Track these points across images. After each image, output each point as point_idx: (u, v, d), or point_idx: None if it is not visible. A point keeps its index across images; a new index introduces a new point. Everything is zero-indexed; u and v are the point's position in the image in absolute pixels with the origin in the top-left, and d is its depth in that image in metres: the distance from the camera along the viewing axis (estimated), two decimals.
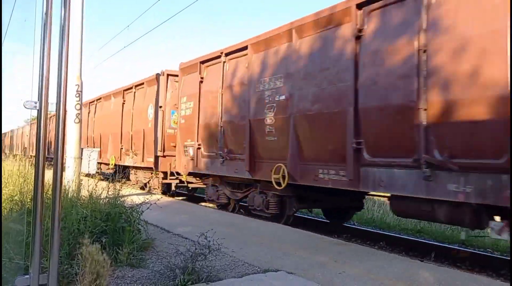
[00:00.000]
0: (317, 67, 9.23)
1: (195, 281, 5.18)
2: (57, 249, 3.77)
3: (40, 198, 3.74)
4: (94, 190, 7.18)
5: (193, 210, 12.26)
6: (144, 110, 18.17)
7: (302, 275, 5.69)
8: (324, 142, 9.05)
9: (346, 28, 8.60)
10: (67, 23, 3.80)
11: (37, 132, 3.79)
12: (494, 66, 6.14)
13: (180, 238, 7.80)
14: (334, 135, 8.73)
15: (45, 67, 3.72)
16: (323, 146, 9.11)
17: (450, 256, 8.99)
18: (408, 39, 7.32)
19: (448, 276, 5.89)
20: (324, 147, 9.07)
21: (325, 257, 6.76)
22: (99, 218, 6.28)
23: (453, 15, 6.73)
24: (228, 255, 6.59)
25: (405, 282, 5.51)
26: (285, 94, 9.99)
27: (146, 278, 5.47)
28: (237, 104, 11.78)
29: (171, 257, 5.91)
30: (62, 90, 3.77)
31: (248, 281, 5.37)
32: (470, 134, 6.46)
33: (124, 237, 6.28)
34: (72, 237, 5.60)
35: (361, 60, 8.18)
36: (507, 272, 7.88)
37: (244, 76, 11.51)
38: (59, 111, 3.77)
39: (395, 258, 7.01)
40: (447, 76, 6.71)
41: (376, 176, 7.90)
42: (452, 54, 6.67)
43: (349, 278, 5.61)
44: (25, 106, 3.75)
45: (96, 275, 4.39)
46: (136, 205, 7.17)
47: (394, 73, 7.53)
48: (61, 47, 3.77)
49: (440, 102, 6.78)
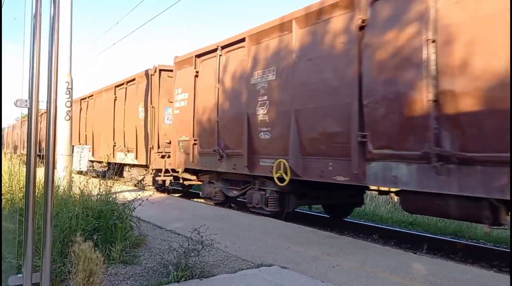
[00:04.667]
0: (319, 57, 8.98)
1: (189, 277, 5.17)
2: (49, 248, 3.76)
3: (32, 196, 3.72)
4: (86, 187, 7.15)
5: (185, 205, 12.24)
6: (135, 106, 18.02)
7: (295, 269, 5.69)
8: (329, 136, 8.78)
9: (349, 18, 8.31)
10: (57, 21, 3.77)
11: (28, 130, 3.77)
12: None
13: (173, 234, 7.79)
14: (339, 128, 8.50)
15: (35, 65, 3.70)
16: (327, 140, 8.83)
17: (443, 248, 9.03)
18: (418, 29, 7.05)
19: (441, 267, 5.92)
20: (329, 141, 8.79)
21: (318, 251, 6.77)
22: (91, 216, 6.26)
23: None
24: (221, 250, 6.58)
25: (399, 275, 5.53)
26: (287, 87, 9.74)
27: (139, 275, 5.46)
28: (234, 98, 11.56)
29: (164, 253, 5.90)
30: (52, 88, 3.75)
31: (241, 277, 5.37)
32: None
33: (117, 234, 6.26)
34: (64, 235, 5.58)
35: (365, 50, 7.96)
36: (500, 263, 7.94)
37: (242, 69, 11.25)
38: (50, 109, 3.75)
39: (388, 251, 7.03)
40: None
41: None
42: (458, 45, 6.49)
43: (343, 272, 5.62)
44: (16, 104, 3.73)
45: (89, 273, 4.39)
46: (128, 202, 7.15)
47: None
48: (51, 45, 3.75)
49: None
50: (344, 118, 8.28)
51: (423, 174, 7.01)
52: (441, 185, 6.76)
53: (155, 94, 16.81)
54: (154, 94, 16.82)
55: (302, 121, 9.31)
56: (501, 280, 5.49)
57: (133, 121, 18.15)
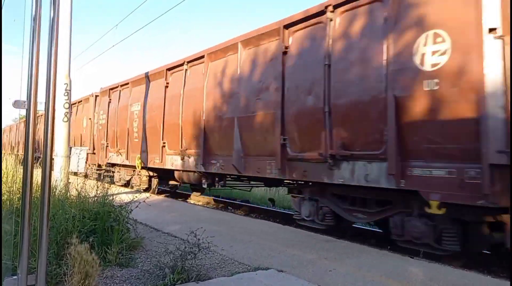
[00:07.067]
0: (257, 74, 10.59)
1: (185, 280, 5.16)
2: (45, 249, 3.75)
3: (28, 197, 3.71)
4: (83, 189, 7.14)
5: (182, 208, 12.25)
6: (127, 109, 18.54)
7: (292, 273, 5.68)
8: (263, 139, 10.21)
9: (278, 44, 9.97)
10: (56, 23, 3.77)
11: (26, 131, 3.76)
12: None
13: (170, 237, 7.78)
14: (269, 133, 9.98)
15: (34, 67, 3.69)
16: (260, 142, 10.32)
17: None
18: (319, 55, 8.73)
19: (438, 272, 5.92)
20: (261, 143, 10.29)
21: (315, 254, 6.77)
22: (88, 217, 6.25)
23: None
24: (218, 253, 6.57)
25: (395, 279, 5.52)
26: (232, 98, 11.28)
27: (135, 278, 5.45)
28: (193, 107, 12.92)
29: (160, 256, 5.90)
30: (51, 89, 3.75)
31: (238, 280, 5.36)
32: (360, 131, 7.84)
33: (113, 236, 6.24)
34: (61, 236, 5.56)
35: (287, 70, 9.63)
36: (497, 268, 7.92)
37: (201, 81, 12.69)
38: (48, 110, 3.75)
39: (385, 255, 7.03)
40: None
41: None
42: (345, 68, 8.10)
43: (340, 276, 5.62)
44: (14, 105, 3.72)
45: (84, 275, 4.38)
46: (125, 204, 7.13)
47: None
48: (50, 47, 3.74)
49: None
50: (272, 125, 9.83)
51: (321, 168, 8.59)
52: (332, 176, 8.38)
53: (142, 100, 18.03)
54: (141, 99, 17.92)
55: (243, 126, 10.84)
56: (499, 284, 5.49)
57: (125, 124, 18.78)
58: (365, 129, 7.79)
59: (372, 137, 7.64)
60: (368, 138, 7.75)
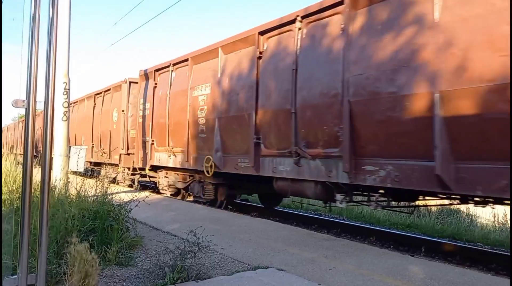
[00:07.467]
0: (235, 77, 11.28)
1: (185, 279, 5.16)
2: (45, 249, 3.74)
3: (28, 196, 3.69)
4: (82, 188, 7.13)
5: (181, 207, 12.21)
6: (110, 113, 19.95)
7: (292, 271, 5.68)
8: (240, 138, 10.99)
9: (254, 50, 10.65)
10: (55, 22, 3.76)
11: (25, 130, 3.75)
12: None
13: (169, 236, 7.77)
14: (244, 133, 10.74)
15: (33, 66, 3.68)
16: (239, 141, 11.06)
17: (441, 251, 9.02)
18: (288, 60, 9.47)
19: (438, 270, 5.92)
20: (240, 142, 11.02)
21: (315, 253, 6.77)
22: (87, 217, 6.24)
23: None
24: (217, 252, 6.57)
25: (395, 277, 5.52)
26: (213, 99, 11.96)
27: (135, 277, 5.44)
28: (179, 107, 13.57)
29: (160, 255, 5.88)
30: (50, 88, 3.73)
31: (238, 279, 5.35)
32: (320, 130, 8.58)
33: (113, 236, 6.24)
34: (60, 236, 5.55)
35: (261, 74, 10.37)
36: (497, 266, 7.94)
37: (185, 83, 13.39)
38: (47, 109, 3.73)
39: (385, 253, 7.02)
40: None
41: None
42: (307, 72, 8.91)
43: (340, 274, 5.61)
44: (13, 104, 3.71)
45: (84, 274, 4.36)
46: (125, 203, 7.13)
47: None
48: (49, 46, 3.73)
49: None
50: (247, 125, 10.58)
51: (290, 166, 9.40)
52: (299, 172, 9.17)
53: (124, 102, 19.05)
54: (124, 102, 19.08)
55: (222, 126, 11.60)
56: (498, 283, 5.49)
57: (107, 126, 20.23)
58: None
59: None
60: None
